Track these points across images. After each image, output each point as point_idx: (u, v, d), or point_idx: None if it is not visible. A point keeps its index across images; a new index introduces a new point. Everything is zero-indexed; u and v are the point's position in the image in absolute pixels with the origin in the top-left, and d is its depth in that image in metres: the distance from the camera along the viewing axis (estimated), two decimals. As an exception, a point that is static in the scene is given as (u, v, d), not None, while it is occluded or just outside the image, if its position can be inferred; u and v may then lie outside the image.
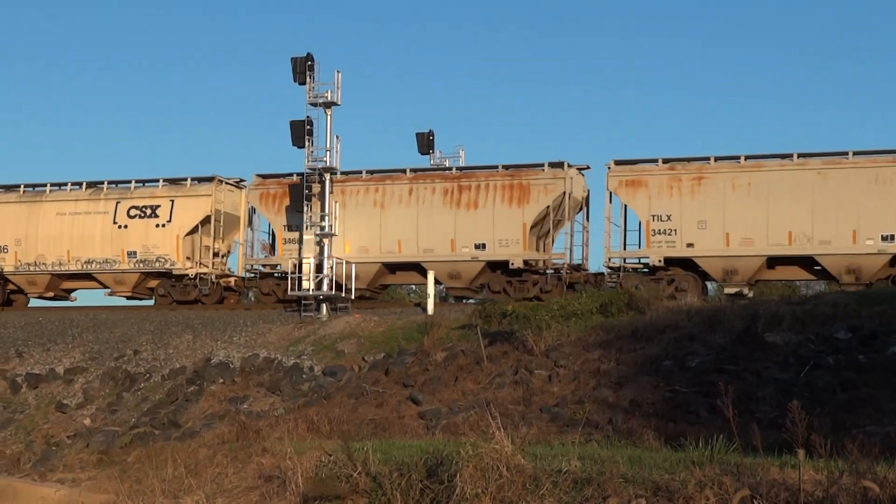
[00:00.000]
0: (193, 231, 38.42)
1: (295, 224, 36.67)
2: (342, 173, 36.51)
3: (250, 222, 39.22)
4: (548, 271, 35.28)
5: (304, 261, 34.89)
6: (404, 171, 36.73)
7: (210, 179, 38.59)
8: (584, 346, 25.37)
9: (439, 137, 40.96)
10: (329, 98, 34.92)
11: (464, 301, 36.28)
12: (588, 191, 36.86)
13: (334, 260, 34.70)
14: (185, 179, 38.93)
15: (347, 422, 23.53)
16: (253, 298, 40.14)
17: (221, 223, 38.56)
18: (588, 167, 36.53)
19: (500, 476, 14.77)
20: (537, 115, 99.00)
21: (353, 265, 34.97)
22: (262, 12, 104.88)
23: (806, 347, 22.97)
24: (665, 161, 34.44)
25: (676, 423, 19.52)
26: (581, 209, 36.78)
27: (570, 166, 35.50)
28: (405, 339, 30.88)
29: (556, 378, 23.83)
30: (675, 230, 33.61)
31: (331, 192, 35.22)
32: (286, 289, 35.72)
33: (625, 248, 35.09)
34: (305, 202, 35.49)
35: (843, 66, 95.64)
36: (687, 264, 33.91)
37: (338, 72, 35.12)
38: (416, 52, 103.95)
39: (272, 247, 38.68)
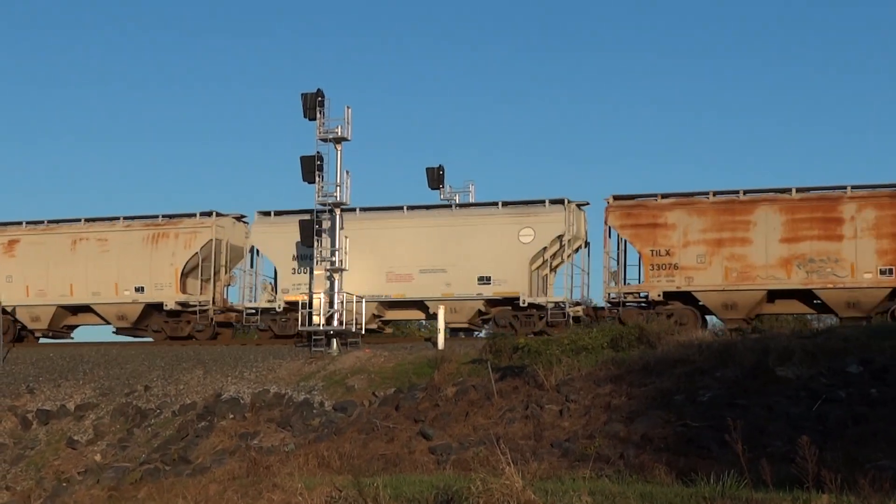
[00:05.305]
0: None
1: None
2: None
3: None
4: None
5: (314, 296, 34.99)
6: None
7: None
8: (594, 380, 25.28)
9: (450, 172, 41.09)
10: (339, 133, 35.14)
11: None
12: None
13: (344, 295, 34.79)
14: None
15: (358, 457, 23.48)
16: None
17: None
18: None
19: (510, 511, 14.71)
20: (546, 149, 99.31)
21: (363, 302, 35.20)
22: (272, 48, 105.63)
23: (817, 381, 22.86)
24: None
25: (688, 458, 19.41)
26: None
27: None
28: (415, 374, 30.84)
29: (567, 413, 23.75)
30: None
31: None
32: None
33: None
34: (316, 237, 35.59)
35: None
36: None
37: (348, 107, 35.41)
38: (427, 88, 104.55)
39: None
